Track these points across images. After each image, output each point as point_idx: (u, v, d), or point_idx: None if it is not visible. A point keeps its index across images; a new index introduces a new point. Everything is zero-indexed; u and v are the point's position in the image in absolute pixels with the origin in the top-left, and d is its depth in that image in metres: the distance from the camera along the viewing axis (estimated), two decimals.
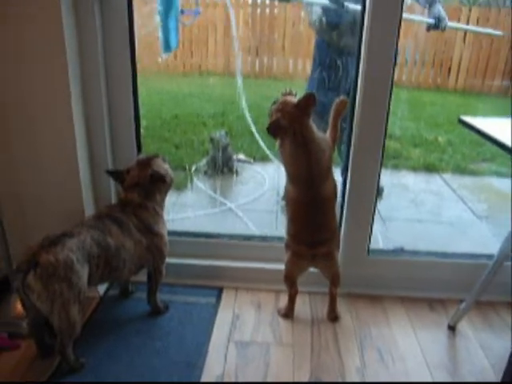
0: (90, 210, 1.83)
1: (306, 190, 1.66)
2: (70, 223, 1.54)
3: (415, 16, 2.44)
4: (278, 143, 1.69)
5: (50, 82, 1.62)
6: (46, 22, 1.55)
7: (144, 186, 1.65)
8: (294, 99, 1.66)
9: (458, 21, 5.59)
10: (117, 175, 1.71)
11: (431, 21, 2.40)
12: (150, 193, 1.66)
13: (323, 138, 1.67)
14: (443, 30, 2.39)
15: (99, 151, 1.82)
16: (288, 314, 1.82)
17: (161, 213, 1.71)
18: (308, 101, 1.59)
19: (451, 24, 2.49)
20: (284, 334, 1.73)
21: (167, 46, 2.58)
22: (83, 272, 1.42)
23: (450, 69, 5.83)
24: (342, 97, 1.71)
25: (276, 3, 5.69)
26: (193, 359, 1.59)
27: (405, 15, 1.66)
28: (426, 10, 2.40)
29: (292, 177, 1.70)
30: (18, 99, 1.65)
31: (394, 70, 1.70)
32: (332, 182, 1.70)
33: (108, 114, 1.80)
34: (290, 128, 1.60)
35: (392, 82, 1.71)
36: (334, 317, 1.82)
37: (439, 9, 2.37)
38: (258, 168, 3.61)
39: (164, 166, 1.71)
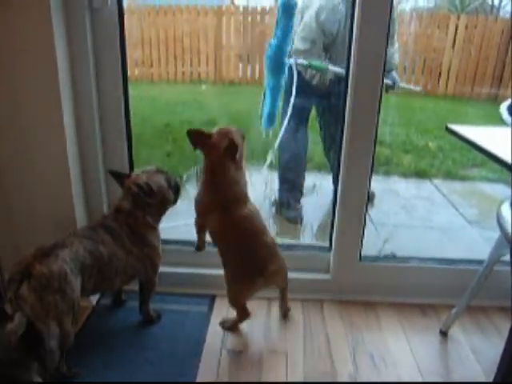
0: (81, 218, 1.82)
1: (223, 217, 1.66)
2: (61, 231, 1.54)
3: None
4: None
5: (41, 90, 1.63)
6: (37, 33, 1.55)
7: (133, 195, 1.64)
8: (238, 135, 1.70)
9: (447, 28, 5.67)
10: (118, 177, 1.70)
11: (390, 83, 2.85)
12: (140, 203, 1.64)
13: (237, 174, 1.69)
14: (398, 89, 2.94)
15: (90, 159, 1.82)
16: (235, 328, 1.79)
17: (154, 225, 1.69)
18: (230, 148, 1.62)
19: (402, 85, 3.07)
20: (276, 342, 1.73)
21: (271, 122, 2.44)
22: (77, 283, 1.40)
23: (439, 75, 5.89)
24: None
25: (267, 10, 5.73)
26: (185, 368, 1.58)
27: None
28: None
29: (208, 209, 1.70)
30: (7, 109, 1.65)
31: (383, 76, 1.71)
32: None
33: (99, 122, 1.80)
34: (207, 151, 1.65)
35: (381, 88, 1.73)
36: (287, 311, 1.86)
37: (394, 75, 2.88)
38: (250, 175, 3.60)
39: (160, 183, 1.69)
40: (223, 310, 1.88)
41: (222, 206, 1.65)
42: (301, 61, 2.60)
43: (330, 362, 1.64)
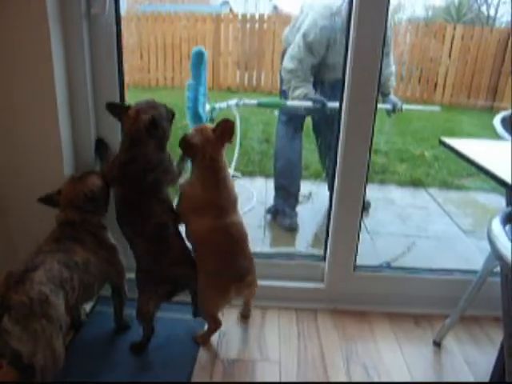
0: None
1: (215, 220, 1.59)
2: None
3: None
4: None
5: (37, 99, 1.63)
6: (34, 42, 1.55)
7: (80, 204, 1.56)
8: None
9: (443, 38, 5.71)
10: (49, 200, 1.58)
11: (390, 107, 2.90)
12: (90, 209, 1.57)
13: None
14: (400, 111, 2.94)
15: (87, 167, 1.82)
16: (206, 342, 1.76)
17: (106, 225, 1.63)
18: (224, 128, 1.57)
19: (406, 106, 3.05)
20: (270, 351, 1.73)
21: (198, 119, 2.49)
22: (60, 302, 1.34)
23: (436, 84, 5.93)
24: None
25: (265, 18, 5.76)
26: (179, 377, 1.57)
27: None
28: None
29: (199, 206, 1.61)
30: (5, 118, 1.65)
31: (379, 86, 1.73)
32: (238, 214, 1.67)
33: (95, 129, 1.80)
34: (201, 149, 1.57)
35: (377, 97, 1.74)
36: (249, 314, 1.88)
37: (392, 97, 2.92)
38: (245, 182, 3.61)
39: (98, 183, 1.61)
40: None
41: (219, 208, 1.60)
42: (248, 101, 2.79)
43: (324, 372, 1.64)
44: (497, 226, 0.77)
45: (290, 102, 2.71)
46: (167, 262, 1.60)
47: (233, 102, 2.85)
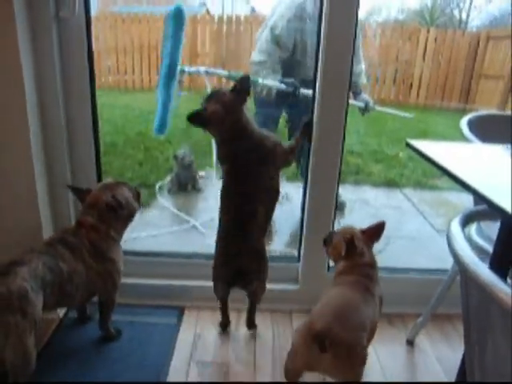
0: (48, 228, 1.80)
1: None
2: (28, 242, 1.50)
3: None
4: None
5: (6, 103, 1.61)
6: (1, 45, 1.54)
7: (100, 210, 1.60)
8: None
9: (417, 41, 5.81)
10: (77, 192, 1.66)
11: (362, 105, 2.90)
12: (106, 217, 1.60)
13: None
14: (373, 109, 2.96)
15: (58, 170, 1.80)
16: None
17: (117, 238, 1.65)
18: (379, 229, 1.59)
19: (380, 108, 3.18)
20: (245, 353, 1.73)
21: (163, 127, 2.43)
22: (38, 301, 1.34)
23: (411, 86, 6.03)
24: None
25: (242, 19, 5.77)
26: (153, 380, 1.57)
27: None
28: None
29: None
30: None
31: (350, 85, 1.74)
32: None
33: (67, 132, 1.79)
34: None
35: (347, 97, 1.75)
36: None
37: (363, 96, 2.91)
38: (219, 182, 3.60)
39: (125, 195, 1.65)
40: (192, 322, 1.87)
41: None
42: (219, 71, 2.73)
43: None
44: (455, 227, 0.79)
45: (261, 80, 2.67)
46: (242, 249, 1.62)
47: (202, 68, 2.86)
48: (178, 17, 2.25)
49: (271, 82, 2.67)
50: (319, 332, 1.23)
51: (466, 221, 0.87)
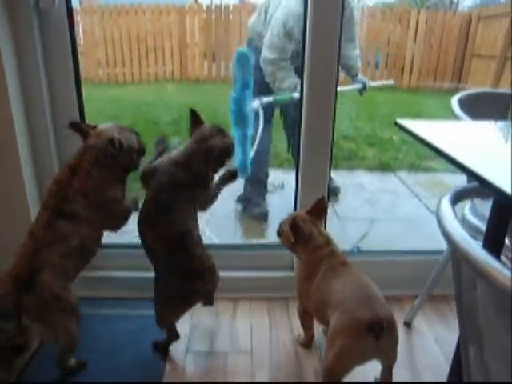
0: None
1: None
2: (16, 228, 1.45)
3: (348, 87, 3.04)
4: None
5: None
6: None
7: (100, 151, 1.42)
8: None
9: (408, 23, 5.77)
10: (81, 129, 1.47)
11: (360, 86, 3.03)
12: (109, 160, 1.44)
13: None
14: (369, 88, 3.09)
15: (45, 164, 1.78)
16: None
17: (115, 178, 1.48)
18: (320, 205, 1.59)
19: (374, 83, 3.26)
20: (242, 342, 1.72)
21: (243, 172, 2.27)
22: (69, 291, 1.42)
23: (403, 69, 5.99)
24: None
25: (230, 8, 5.71)
26: (151, 372, 1.57)
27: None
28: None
29: None
30: None
31: (338, 69, 1.72)
32: None
33: (53, 125, 1.76)
34: (306, 229, 1.54)
35: (337, 81, 1.73)
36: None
37: (360, 77, 3.05)
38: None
39: (131, 141, 1.51)
40: (187, 313, 1.85)
41: None
42: (266, 99, 2.58)
43: (296, 359, 1.64)
44: (446, 205, 0.77)
45: (296, 94, 2.53)
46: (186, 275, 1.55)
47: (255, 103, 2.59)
48: (241, 61, 2.07)
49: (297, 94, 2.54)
50: (372, 321, 1.25)
51: (457, 199, 0.85)
